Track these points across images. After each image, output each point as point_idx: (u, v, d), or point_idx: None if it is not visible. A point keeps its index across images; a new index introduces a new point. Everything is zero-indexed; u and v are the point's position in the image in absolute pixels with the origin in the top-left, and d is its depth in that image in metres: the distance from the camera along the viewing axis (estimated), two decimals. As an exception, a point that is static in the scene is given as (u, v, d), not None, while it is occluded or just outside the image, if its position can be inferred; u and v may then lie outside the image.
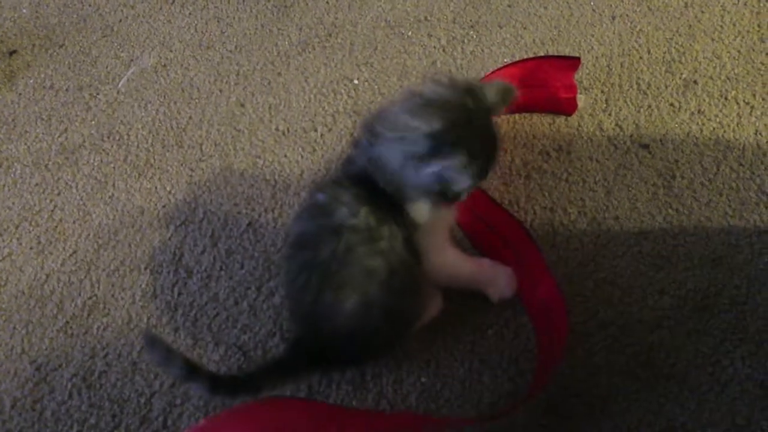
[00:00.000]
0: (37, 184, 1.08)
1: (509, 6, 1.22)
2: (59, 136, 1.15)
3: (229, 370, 0.81)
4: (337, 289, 0.68)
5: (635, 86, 1.05)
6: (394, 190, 0.68)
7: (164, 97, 1.19)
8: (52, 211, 1.04)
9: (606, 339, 0.78)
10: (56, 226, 1.02)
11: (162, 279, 0.92)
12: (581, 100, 1.01)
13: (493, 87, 0.71)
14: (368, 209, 0.68)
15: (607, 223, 0.89)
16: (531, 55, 1.12)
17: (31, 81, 1.27)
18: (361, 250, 0.67)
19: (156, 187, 1.04)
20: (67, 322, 0.90)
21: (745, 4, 1.14)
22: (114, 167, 1.09)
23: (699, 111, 1.00)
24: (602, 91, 1.05)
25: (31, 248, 0.99)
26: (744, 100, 1.00)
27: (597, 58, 1.10)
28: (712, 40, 1.09)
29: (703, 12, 1.14)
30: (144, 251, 0.96)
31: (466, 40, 1.18)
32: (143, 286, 0.92)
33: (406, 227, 0.70)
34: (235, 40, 1.28)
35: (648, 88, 1.04)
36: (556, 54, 1.11)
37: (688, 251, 0.85)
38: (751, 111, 0.98)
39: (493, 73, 1.01)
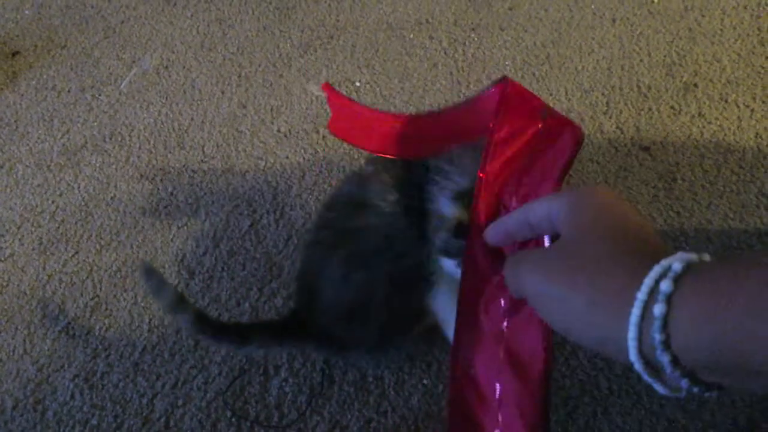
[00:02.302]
0: (38, 185, 1.09)
1: (510, 9, 1.23)
2: (61, 137, 1.16)
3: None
4: (349, 256, 0.68)
5: (636, 89, 1.05)
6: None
7: (166, 98, 1.19)
8: (54, 212, 1.04)
9: (607, 341, 0.78)
10: (58, 227, 1.02)
11: (164, 280, 0.92)
12: None
13: None
14: (398, 198, 0.68)
15: (608, 226, 0.89)
16: (532, 58, 1.12)
17: (33, 82, 1.27)
18: (377, 230, 0.68)
19: (158, 189, 1.05)
20: (69, 323, 0.90)
21: (745, 8, 1.14)
22: (116, 168, 1.09)
23: (699, 114, 1.00)
24: (603, 94, 1.05)
25: (33, 249, 1.00)
26: (744, 103, 1.00)
27: (598, 60, 1.10)
28: (713, 43, 1.10)
29: (703, 15, 1.14)
30: (146, 252, 0.96)
31: (467, 43, 1.18)
32: (145, 287, 0.92)
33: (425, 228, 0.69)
34: (236, 41, 1.28)
35: (648, 91, 1.04)
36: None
37: (688, 253, 0.85)
38: (751, 114, 0.99)
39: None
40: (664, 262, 0.35)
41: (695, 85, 1.04)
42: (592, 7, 1.20)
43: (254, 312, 0.87)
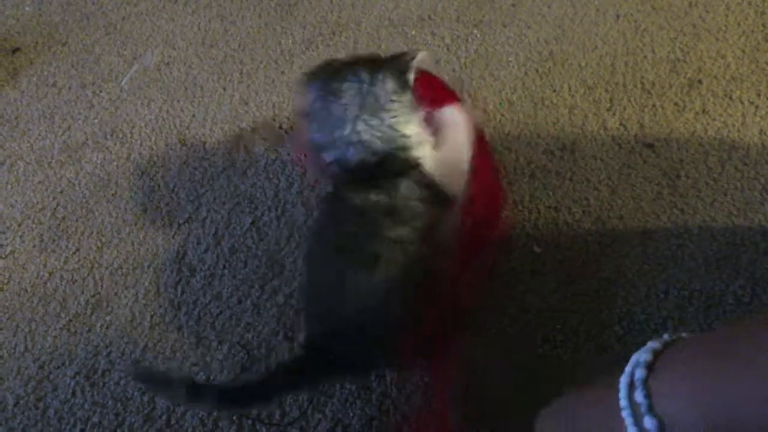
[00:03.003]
0: (39, 182, 1.08)
1: (513, 5, 1.22)
2: (62, 134, 1.15)
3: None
4: (367, 261, 0.65)
5: (639, 85, 1.04)
6: None
7: (167, 95, 1.19)
8: (55, 209, 1.04)
9: (610, 338, 0.78)
10: (59, 224, 1.02)
11: (165, 277, 0.92)
12: None
13: None
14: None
15: (611, 223, 0.89)
16: (535, 54, 1.11)
17: (34, 79, 1.27)
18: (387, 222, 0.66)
19: (159, 186, 1.04)
20: (70, 320, 0.90)
21: (750, 4, 1.13)
22: (117, 165, 1.09)
23: (703, 110, 0.99)
24: (606, 90, 1.04)
25: (33, 246, 0.99)
26: (749, 100, 0.99)
27: (601, 57, 1.10)
28: (717, 39, 1.09)
29: (707, 12, 1.14)
30: (147, 249, 0.96)
31: (470, 39, 1.18)
32: (146, 284, 0.92)
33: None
34: (238, 38, 1.28)
35: (652, 88, 1.04)
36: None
37: (692, 251, 0.84)
38: (755, 111, 0.98)
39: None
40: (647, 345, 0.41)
41: (699, 81, 1.03)
42: (596, 3, 1.19)
43: (256, 309, 0.86)
